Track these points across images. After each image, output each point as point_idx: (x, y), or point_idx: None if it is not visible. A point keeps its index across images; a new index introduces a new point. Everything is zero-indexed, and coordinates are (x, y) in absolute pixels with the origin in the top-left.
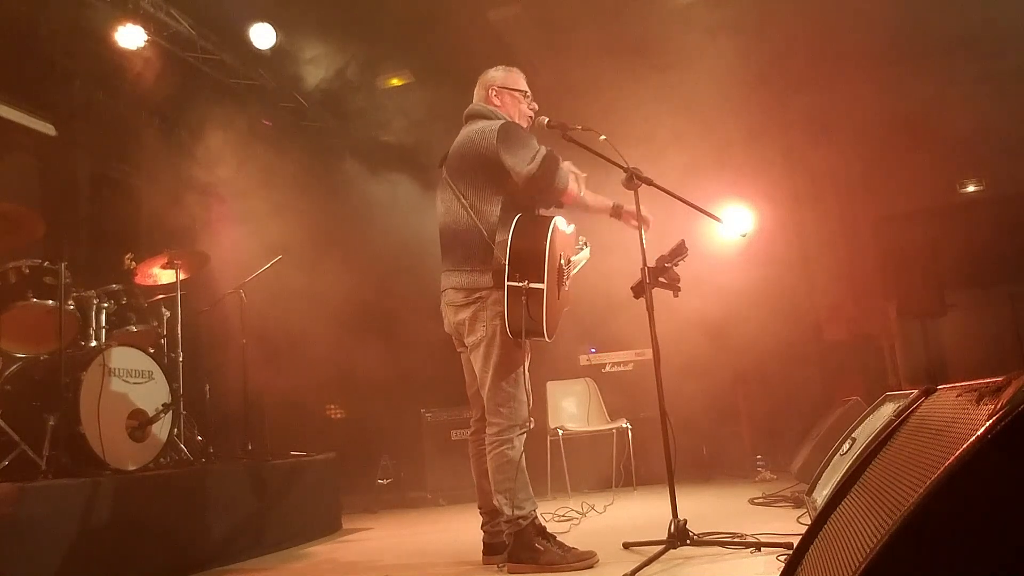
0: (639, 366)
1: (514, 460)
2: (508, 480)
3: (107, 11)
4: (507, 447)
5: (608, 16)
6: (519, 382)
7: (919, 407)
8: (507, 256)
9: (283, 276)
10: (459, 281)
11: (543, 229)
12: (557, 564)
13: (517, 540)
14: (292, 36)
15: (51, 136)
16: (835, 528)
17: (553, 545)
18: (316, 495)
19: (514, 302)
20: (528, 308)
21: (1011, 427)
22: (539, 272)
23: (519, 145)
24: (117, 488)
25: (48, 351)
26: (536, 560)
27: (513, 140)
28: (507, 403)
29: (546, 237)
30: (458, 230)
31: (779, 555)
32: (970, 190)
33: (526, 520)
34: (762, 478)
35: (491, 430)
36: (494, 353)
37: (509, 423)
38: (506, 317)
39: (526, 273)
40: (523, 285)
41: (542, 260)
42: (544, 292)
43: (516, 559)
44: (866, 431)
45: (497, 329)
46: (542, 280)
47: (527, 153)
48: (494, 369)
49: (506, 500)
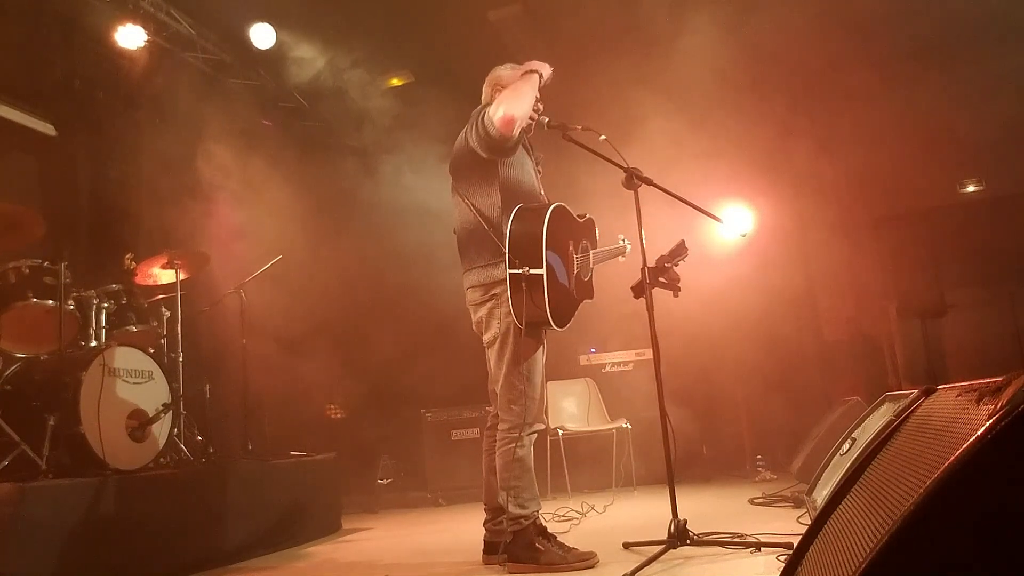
0: (639, 366)
1: (522, 459)
2: (514, 478)
3: (107, 11)
4: (516, 445)
5: (608, 16)
6: (532, 379)
7: (919, 407)
8: (507, 244)
9: (283, 276)
10: (475, 279)
11: (540, 215)
12: (557, 564)
13: (517, 539)
14: (292, 36)
15: (51, 136)
16: (835, 528)
17: (553, 545)
18: (316, 495)
19: (515, 289)
20: (530, 295)
21: (1011, 427)
22: (537, 258)
23: (473, 120)
24: (117, 488)
25: (48, 351)
26: (536, 560)
27: (473, 120)
28: (518, 400)
29: (542, 223)
30: (468, 229)
31: (779, 555)
32: (970, 190)
33: (528, 520)
34: (762, 478)
35: (501, 427)
36: (507, 349)
37: (519, 421)
38: (510, 305)
39: (524, 259)
40: (522, 272)
41: (539, 245)
42: (543, 278)
43: (516, 558)
44: (866, 431)
45: (510, 325)
46: (540, 265)
47: (473, 122)
48: (507, 365)
49: (511, 498)
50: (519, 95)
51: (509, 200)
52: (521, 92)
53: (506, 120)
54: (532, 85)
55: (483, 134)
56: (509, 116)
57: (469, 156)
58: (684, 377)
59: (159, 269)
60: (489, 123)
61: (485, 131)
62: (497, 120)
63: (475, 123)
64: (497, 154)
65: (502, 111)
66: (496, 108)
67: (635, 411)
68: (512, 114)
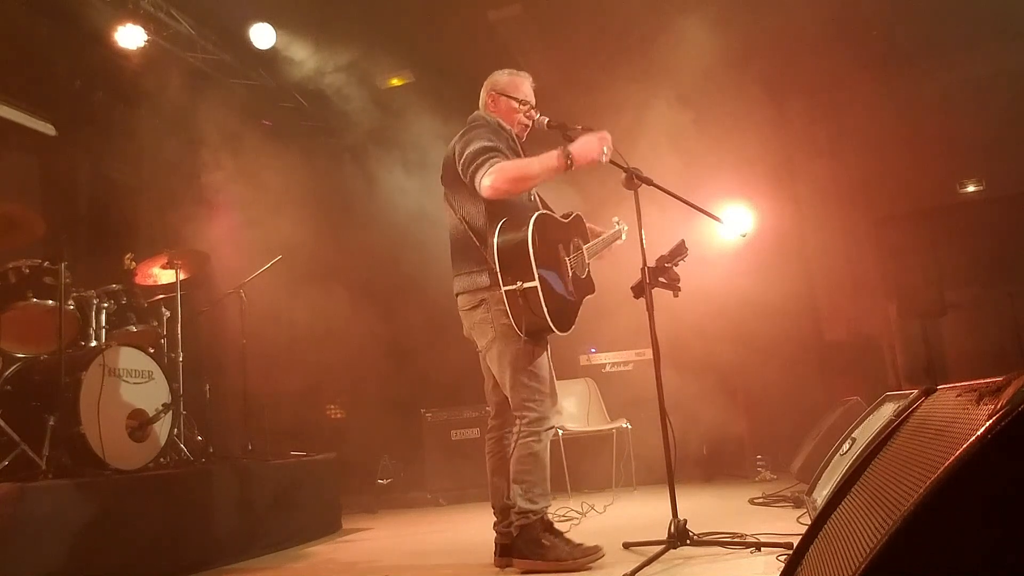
0: (639, 366)
1: (537, 454)
2: (527, 472)
3: (107, 11)
4: (533, 439)
5: (608, 16)
6: (539, 376)
7: (919, 407)
8: (496, 263)
9: (283, 276)
10: (463, 285)
11: (523, 227)
12: (563, 560)
13: (523, 534)
14: (292, 36)
15: (51, 136)
16: (835, 528)
17: (560, 541)
18: (316, 495)
19: (514, 304)
20: (528, 307)
21: (1011, 427)
22: (528, 271)
23: (467, 140)
24: (117, 488)
25: (48, 351)
26: (543, 556)
27: (465, 136)
28: (532, 398)
29: (527, 235)
30: (456, 237)
31: (779, 555)
32: (970, 190)
33: (535, 515)
34: (762, 478)
35: (522, 421)
36: (508, 352)
37: (538, 415)
38: (512, 322)
39: (516, 275)
40: (517, 287)
41: (527, 258)
42: (538, 288)
43: (521, 553)
44: (866, 431)
45: (505, 328)
46: (533, 278)
47: (467, 145)
48: (511, 367)
49: (520, 491)
50: (522, 178)
51: (495, 209)
52: (527, 175)
53: (495, 192)
54: (546, 171)
55: (468, 179)
56: (499, 190)
57: (456, 169)
58: (684, 377)
59: (159, 269)
60: (479, 182)
61: (471, 180)
62: (486, 189)
63: (467, 163)
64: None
65: (495, 185)
66: (494, 177)
67: (635, 411)
68: (504, 191)
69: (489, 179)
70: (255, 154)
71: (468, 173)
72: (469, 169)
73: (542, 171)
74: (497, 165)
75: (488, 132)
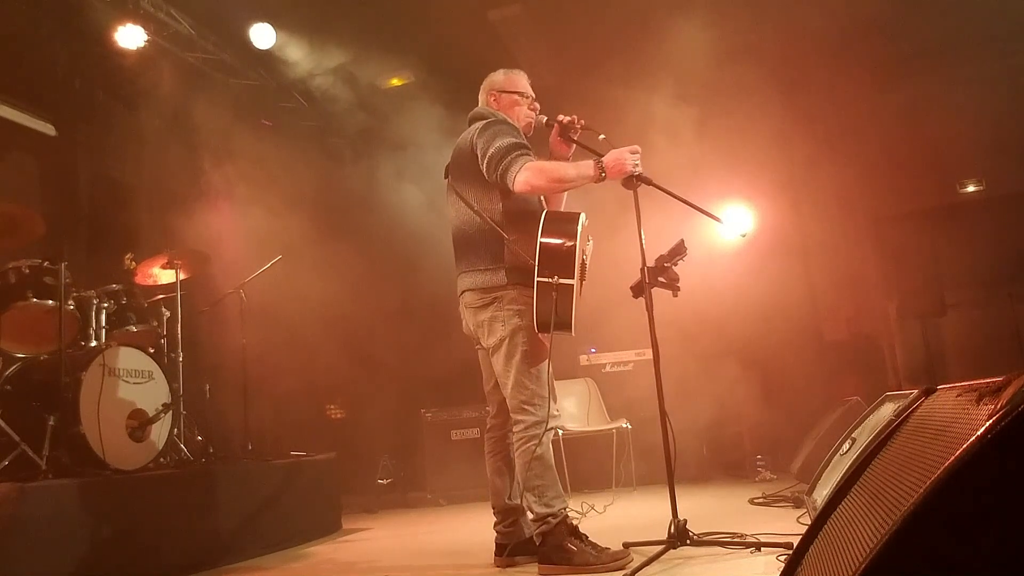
0: (639, 366)
1: (541, 456)
2: (536, 477)
3: (107, 11)
4: (535, 443)
5: (608, 15)
6: (541, 378)
7: (919, 407)
8: (537, 252)
9: (283, 276)
10: (475, 282)
11: (572, 225)
12: (591, 565)
13: (547, 540)
14: (292, 36)
15: (51, 136)
16: (835, 528)
17: (586, 545)
18: (316, 495)
19: (543, 298)
20: (557, 304)
21: (1011, 427)
22: (569, 268)
23: (492, 134)
24: (117, 488)
25: (48, 351)
26: (569, 561)
27: (489, 130)
28: (531, 400)
29: (576, 233)
30: (468, 232)
31: (779, 555)
32: (970, 190)
33: (556, 519)
34: (762, 478)
35: (518, 428)
36: (517, 351)
37: (536, 419)
38: (535, 312)
39: (556, 269)
40: (553, 281)
41: (572, 256)
42: (573, 287)
43: (547, 560)
44: (866, 431)
45: (517, 327)
46: (572, 276)
47: (493, 139)
48: (516, 367)
49: (535, 497)
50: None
51: (511, 206)
52: (564, 178)
53: (531, 189)
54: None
55: (497, 177)
56: (537, 188)
57: (474, 163)
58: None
59: (159, 269)
60: (512, 177)
61: (501, 177)
62: (521, 184)
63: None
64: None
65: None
66: (531, 174)
67: (635, 411)
68: (540, 189)
69: (525, 175)
70: (255, 154)
71: (498, 168)
72: (501, 164)
73: (577, 177)
74: (535, 164)
75: (513, 130)
